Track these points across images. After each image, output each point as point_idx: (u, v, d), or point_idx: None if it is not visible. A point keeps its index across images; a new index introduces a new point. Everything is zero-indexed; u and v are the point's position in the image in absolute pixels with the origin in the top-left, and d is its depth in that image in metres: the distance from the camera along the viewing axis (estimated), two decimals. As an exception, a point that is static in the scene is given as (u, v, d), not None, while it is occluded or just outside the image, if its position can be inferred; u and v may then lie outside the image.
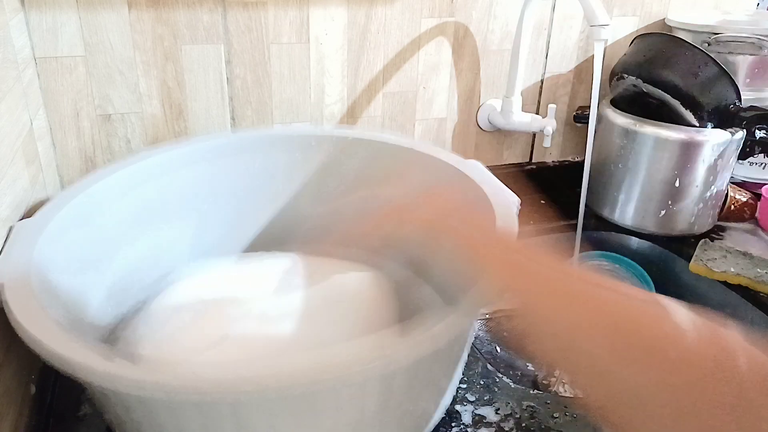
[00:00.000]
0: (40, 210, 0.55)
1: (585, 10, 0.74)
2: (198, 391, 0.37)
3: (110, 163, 0.76)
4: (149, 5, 0.72)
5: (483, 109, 0.95)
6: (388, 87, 0.88)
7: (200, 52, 0.76)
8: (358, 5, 0.81)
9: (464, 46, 0.90)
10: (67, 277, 0.54)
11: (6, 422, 0.48)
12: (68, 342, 0.41)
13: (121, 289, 0.64)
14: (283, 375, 0.38)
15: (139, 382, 0.37)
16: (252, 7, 0.76)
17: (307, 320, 0.60)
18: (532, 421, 0.56)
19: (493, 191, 0.60)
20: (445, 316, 0.43)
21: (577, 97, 1.00)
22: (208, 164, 0.71)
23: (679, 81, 0.81)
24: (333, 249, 0.78)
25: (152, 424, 0.43)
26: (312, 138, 0.73)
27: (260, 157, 0.73)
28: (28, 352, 0.55)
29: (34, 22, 0.68)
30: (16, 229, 0.53)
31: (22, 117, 0.63)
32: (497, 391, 0.59)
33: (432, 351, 0.41)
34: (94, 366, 0.38)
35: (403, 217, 0.52)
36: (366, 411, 0.45)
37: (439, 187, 0.58)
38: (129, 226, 0.64)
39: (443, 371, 0.50)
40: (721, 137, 0.82)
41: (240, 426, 0.42)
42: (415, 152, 0.69)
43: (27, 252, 0.49)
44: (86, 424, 0.54)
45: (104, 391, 0.44)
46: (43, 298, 0.46)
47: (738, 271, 0.77)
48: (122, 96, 0.75)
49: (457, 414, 0.56)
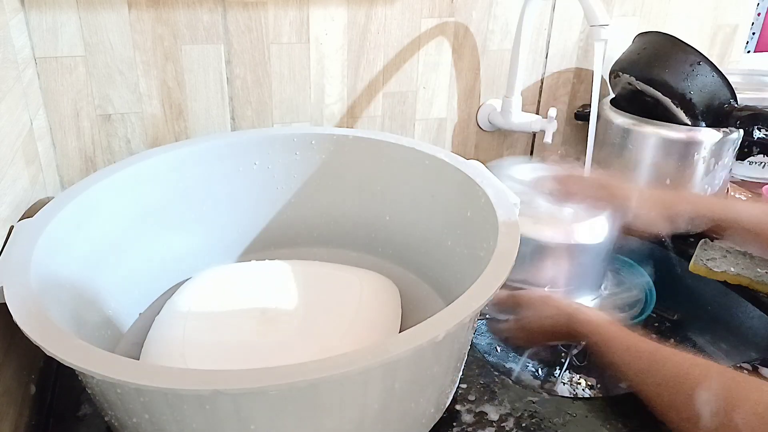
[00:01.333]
0: (40, 210, 0.55)
1: (585, 10, 0.74)
2: (195, 383, 0.37)
3: (110, 163, 0.76)
4: (149, 5, 0.72)
5: (483, 109, 0.95)
6: (388, 87, 0.88)
7: (200, 52, 0.76)
8: (358, 5, 0.81)
9: (464, 46, 0.90)
10: (67, 279, 0.54)
11: (6, 422, 0.48)
12: (68, 343, 0.41)
13: (121, 291, 0.64)
14: (284, 370, 0.38)
15: (145, 378, 0.37)
16: (252, 7, 0.76)
17: (311, 323, 0.60)
18: (532, 421, 0.56)
19: (494, 192, 0.60)
20: (445, 311, 0.44)
21: (577, 97, 1.00)
22: (207, 165, 0.71)
23: (670, 79, 0.81)
24: (333, 251, 0.78)
25: (154, 424, 0.43)
26: (312, 137, 0.74)
27: (260, 157, 0.73)
28: (28, 352, 0.55)
29: (34, 22, 0.68)
30: (16, 229, 0.53)
31: (22, 117, 0.63)
32: (497, 390, 0.59)
33: (431, 343, 0.41)
34: (93, 365, 0.38)
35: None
36: (368, 409, 0.45)
37: None
38: (128, 227, 0.64)
39: (444, 369, 0.50)
40: (715, 137, 0.82)
41: (242, 426, 0.42)
42: (416, 152, 0.69)
43: (27, 253, 0.49)
44: (86, 424, 0.54)
45: (107, 391, 0.44)
46: (43, 300, 0.46)
47: (738, 271, 0.77)
48: (122, 96, 0.75)
49: (457, 413, 0.56)
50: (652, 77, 0.82)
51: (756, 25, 1.83)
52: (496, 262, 0.50)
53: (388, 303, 0.65)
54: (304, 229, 0.78)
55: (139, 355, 0.58)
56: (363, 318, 0.61)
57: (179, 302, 0.63)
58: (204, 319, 0.60)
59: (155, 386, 0.37)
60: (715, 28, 1.05)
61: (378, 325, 0.61)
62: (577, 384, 0.73)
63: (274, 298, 0.64)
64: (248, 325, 0.59)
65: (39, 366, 0.58)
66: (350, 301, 0.62)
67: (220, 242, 0.74)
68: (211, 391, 0.37)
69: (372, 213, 0.75)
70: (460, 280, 0.62)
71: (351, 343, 0.57)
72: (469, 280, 0.47)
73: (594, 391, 0.73)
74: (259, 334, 0.58)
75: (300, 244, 0.78)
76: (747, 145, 0.87)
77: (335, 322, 0.60)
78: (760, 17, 1.84)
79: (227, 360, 0.55)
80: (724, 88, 0.81)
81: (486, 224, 0.58)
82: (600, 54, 0.75)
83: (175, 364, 0.54)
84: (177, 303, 0.63)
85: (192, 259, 0.71)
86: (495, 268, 0.49)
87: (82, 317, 0.55)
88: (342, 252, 0.78)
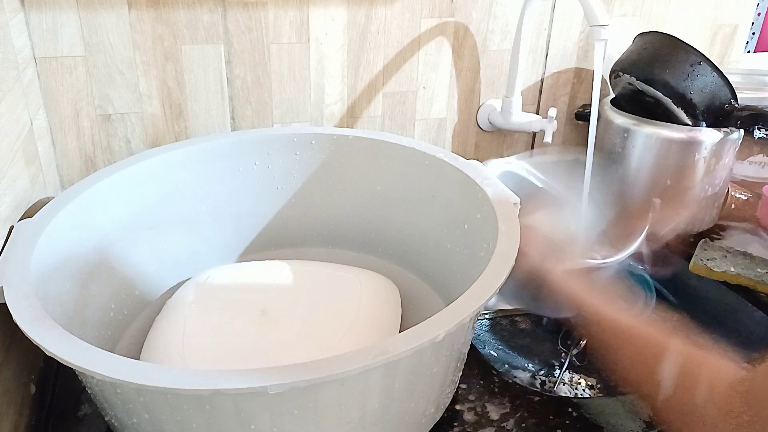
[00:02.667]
0: (40, 210, 0.55)
1: (585, 10, 0.73)
2: (193, 384, 0.37)
3: (110, 163, 0.76)
4: (149, 5, 0.72)
5: (483, 109, 0.95)
6: (388, 87, 0.88)
7: (200, 52, 0.76)
8: (358, 5, 0.81)
9: (464, 46, 0.90)
10: (67, 279, 0.54)
11: (6, 422, 0.48)
12: (68, 343, 0.41)
13: (121, 291, 0.64)
14: (284, 370, 0.38)
15: (145, 378, 0.37)
16: (252, 7, 0.76)
17: (311, 323, 0.60)
18: (532, 421, 0.56)
19: (494, 192, 0.60)
20: (444, 311, 0.44)
21: (577, 97, 1.00)
22: (208, 165, 0.71)
23: (670, 79, 0.81)
24: (333, 251, 0.78)
25: (154, 424, 0.43)
26: (312, 137, 0.74)
27: (260, 158, 0.73)
28: (28, 352, 0.55)
29: (34, 22, 0.68)
30: (16, 229, 0.53)
31: (22, 117, 0.63)
32: (497, 390, 0.59)
33: (431, 343, 0.41)
34: (93, 365, 0.38)
35: None
36: (368, 409, 0.45)
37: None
38: (128, 227, 0.64)
39: (444, 369, 0.50)
40: (715, 137, 0.82)
41: (242, 426, 0.42)
42: (416, 152, 0.69)
43: (27, 253, 0.49)
44: (86, 424, 0.54)
45: (107, 391, 0.44)
46: (43, 300, 0.46)
47: (738, 271, 0.77)
48: (122, 96, 0.75)
49: (457, 413, 0.56)
50: (652, 77, 0.82)
51: (756, 25, 1.82)
52: (496, 262, 0.50)
53: (388, 303, 0.65)
54: (304, 229, 0.78)
55: (139, 355, 0.58)
56: (363, 318, 0.61)
57: (179, 302, 0.63)
58: (204, 319, 0.60)
59: (155, 386, 0.37)
60: (715, 28, 1.05)
61: (378, 325, 0.61)
62: (577, 384, 0.73)
63: (274, 298, 0.64)
64: (248, 325, 0.59)
65: (39, 366, 0.58)
66: (350, 301, 0.62)
67: (220, 242, 0.74)
68: (212, 391, 0.37)
69: (372, 213, 0.75)
70: (460, 280, 0.62)
71: (351, 343, 0.57)
72: (469, 280, 0.47)
73: (594, 391, 0.73)
74: (259, 334, 0.58)
75: (300, 244, 0.78)
76: (747, 145, 0.87)
77: (335, 322, 0.60)
78: (760, 17, 1.84)
79: (227, 360, 0.55)
80: (724, 88, 0.81)
81: (486, 224, 0.58)
82: (600, 54, 0.75)
83: (175, 363, 0.54)
84: (177, 303, 0.63)
85: (192, 259, 0.71)
86: (495, 268, 0.49)
87: (82, 317, 0.55)
88: (342, 252, 0.78)
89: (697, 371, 0.45)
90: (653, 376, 0.47)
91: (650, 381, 0.48)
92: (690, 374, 0.45)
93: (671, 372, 0.46)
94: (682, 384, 0.45)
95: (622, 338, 0.52)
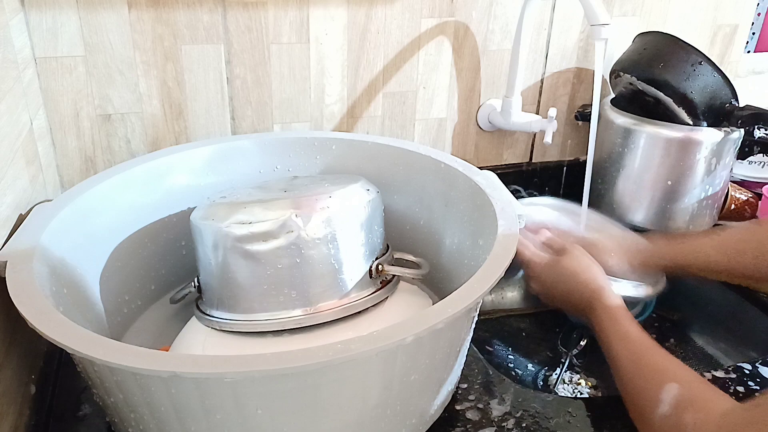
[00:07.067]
0: (61, 195, 0.58)
1: (585, 10, 0.73)
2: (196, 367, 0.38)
3: (110, 163, 0.76)
4: (149, 5, 0.72)
5: (483, 109, 0.95)
6: (388, 87, 0.88)
7: (200, 52, 0.76)
8: (358, 5, 0.81)
9: (464, 46, 0.90)
10: (67, 279, 0.54)
11: (6, 422, 0.48)
12: (60, 320, 0.41)
13: (121, 291, 0.64)
14: (244, 359, 0.38)
15: (140, 359, 0.38)
16: (252, 7, 0.76)
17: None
18: (532, 421, 0.56)
19: (500, 206, 0.59)
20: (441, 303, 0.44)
21: (577, 96, 1.00)
22: (207, 166, 0.71)
23: (671, 79, 0.81)
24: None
25: (128, 405, 0.44)
26: (332, 142, 0.74)
27: (260, 160, 0.73)
28: (28, 351, 0.55)
29: (34, 22, 0.68)
30: (34, 211, 0.56)
31: (22, 117, 0.63)
32: (497, 390, 0.59)
33: (430, 331, 0.42)
34: (71, 340, 0.39)
35: None
36: (367, 404, 0.45)
37: None
38: (128, 228, 0.64)
39: (443, 366, 0.50)
40: (716, 136, 0.82)
41: (243, 421, 0.42)
42: (431, 160, 0.70)
43: (36, 235, 0.51)
44: (86, 424, 0.54)
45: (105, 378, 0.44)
46: (44, 280, 0.47)
47: (738, 270, 0.77)
48: (122, 96, 0.75)
49: (457, 413, 0.56)
50: (653, 77, 0.82)
51: (756, 25, 1.82)
52: (486, 267, 0.50)
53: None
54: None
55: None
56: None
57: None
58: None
59: (117, 364, 0.38)
60: (715, 28, 1.05)
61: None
62: (577, 384, 0.73)
63: None
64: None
65: (39, 366, 0.58)
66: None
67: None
68: (169, 374, 0.37)
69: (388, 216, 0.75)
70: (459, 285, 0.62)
71: None
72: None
73: (594, 391, 0.73)
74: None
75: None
76: (747, 145, 0.87)
77: (352, 320, 0.59)
78: (760, 17, 1.84)
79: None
80: (725, 88, 0.81)
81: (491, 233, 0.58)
82: (600, 53, 0.75)
83: (195, 351, 0.56)
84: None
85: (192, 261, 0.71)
86: (484, 273, 0.49)
87: (83, 317, 0.55)
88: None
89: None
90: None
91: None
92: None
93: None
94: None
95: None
